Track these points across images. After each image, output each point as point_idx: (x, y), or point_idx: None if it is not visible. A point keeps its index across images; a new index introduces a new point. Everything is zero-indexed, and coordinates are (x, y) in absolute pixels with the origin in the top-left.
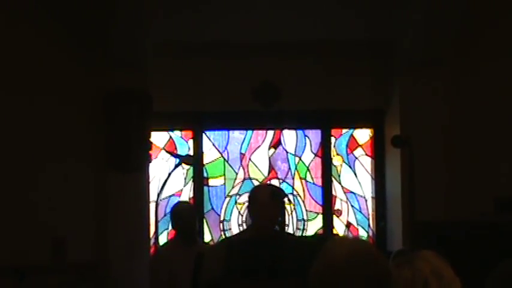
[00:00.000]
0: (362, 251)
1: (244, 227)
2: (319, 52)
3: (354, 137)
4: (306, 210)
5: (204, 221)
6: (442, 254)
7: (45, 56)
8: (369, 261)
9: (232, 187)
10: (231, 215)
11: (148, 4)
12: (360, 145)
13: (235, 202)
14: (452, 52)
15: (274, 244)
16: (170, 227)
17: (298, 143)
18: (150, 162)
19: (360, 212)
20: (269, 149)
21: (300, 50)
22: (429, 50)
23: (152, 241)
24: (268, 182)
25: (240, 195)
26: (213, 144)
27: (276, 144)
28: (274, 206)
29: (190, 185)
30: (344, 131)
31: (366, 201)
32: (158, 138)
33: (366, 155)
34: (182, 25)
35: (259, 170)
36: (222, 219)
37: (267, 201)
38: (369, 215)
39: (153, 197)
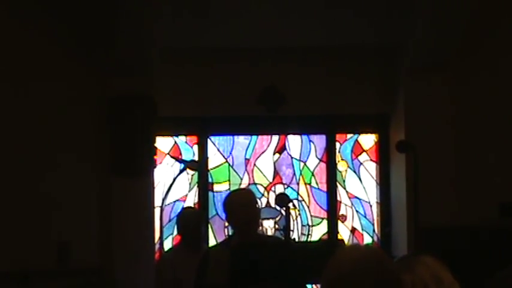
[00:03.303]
0: (372, 258)
1: None
2: (323, 57)
3: (358, 142)
4: (311, 215)
5: (209, 226)
6: (446, 259)
7: (50, 62)
8: (378, 268)
9: None
10: None
11: (153, 10)
12: (364, 150)
13: None
14: (458, 57)
15: (276, 249)
16: (175, 233)
17: (303, 148)
18: (155, 167)
19: (365, 217)
20: (274, 154)
21: (305, 55)
22: (434, 55)
23: (157, 246)
24: (242, 187)
25: None
26: (218, 150)
27: (281, 149)
28: (253, 208)
29: (195, 190)
30: (349, 136)
31: (371, 206)
32: (163, 143)
33: (371, 160)
34: (187, 30)
35: (264, 175)
36: (227, 224)
37: (244, 204)
38: (373, 220)
39: (157, 202)
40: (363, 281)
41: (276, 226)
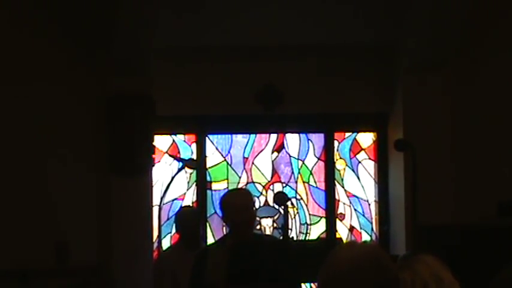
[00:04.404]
0: (369, 256)
1: None
2: (322, 55)
3: (357, 141)
4: (309, 214)
5: (207, 224)
6: (445, 257)
7: (49, 62)
8: (375, 266)
9: None
10: None
11: (151, 9)
12: (363, 149)
13: None
14: (456, 56)
15: (274, 248)
16: (174, 231)
17: (301, 147)
18: (154, 166)
19: (363, 215)
20: (272, 152)
21: (303, 53)
22: (432, 54)
23: (155, 245)
24: (240, 187)
25: None
26: (216, 148)
27: (279, 148)
28: (250, 211)
29: (193, 188)
30: (347, 134)
31: (369, 205)
32: (161, 142)
33: (369, 158)
34: (185, 29)
35: (262, 173)
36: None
37: (241, 207)
38: (372, 218)
39: (156, 200)
40: (360, 279)
41: (275, 225)
